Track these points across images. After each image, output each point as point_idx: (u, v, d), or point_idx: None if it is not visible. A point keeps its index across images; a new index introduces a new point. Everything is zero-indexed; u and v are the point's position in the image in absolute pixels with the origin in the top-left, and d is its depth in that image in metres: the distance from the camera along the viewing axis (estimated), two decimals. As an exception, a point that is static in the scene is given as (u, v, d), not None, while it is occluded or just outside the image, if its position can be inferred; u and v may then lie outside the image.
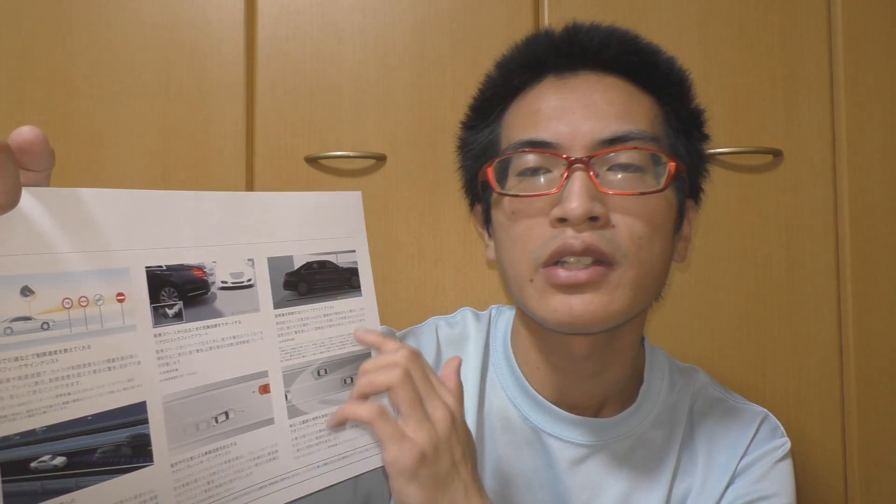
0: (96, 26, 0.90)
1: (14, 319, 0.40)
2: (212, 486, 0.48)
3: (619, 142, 0.57)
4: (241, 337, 0.51)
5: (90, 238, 0.44)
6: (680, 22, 0.91)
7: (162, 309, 0.47)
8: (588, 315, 0.55)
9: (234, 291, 0.51)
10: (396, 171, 0.91)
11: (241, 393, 0.51)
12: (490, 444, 0.64)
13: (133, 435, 0.44)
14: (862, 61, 0.91)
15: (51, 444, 0.41)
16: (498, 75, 0.66)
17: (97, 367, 0.43)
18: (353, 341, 0.57)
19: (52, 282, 0.42)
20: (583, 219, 0.54)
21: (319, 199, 0.57)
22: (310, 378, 0.55)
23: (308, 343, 0.55)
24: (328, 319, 0.56)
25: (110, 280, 0.44)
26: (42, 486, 0.40)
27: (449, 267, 0.91)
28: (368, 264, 0.59)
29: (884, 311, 0.90)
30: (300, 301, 0.55)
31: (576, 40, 0.62)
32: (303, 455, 0.53)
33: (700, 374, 0.72)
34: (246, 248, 0.52)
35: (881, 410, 0.89)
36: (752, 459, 0.65)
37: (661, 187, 0.57)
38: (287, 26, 0.91)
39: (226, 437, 0.49)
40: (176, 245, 0.48)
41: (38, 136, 0.41)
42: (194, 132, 0.90)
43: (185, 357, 0.48)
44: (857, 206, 0.90)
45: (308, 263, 0.56)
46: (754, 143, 0.91)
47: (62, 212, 0.43)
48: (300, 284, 0.55)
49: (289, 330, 0.54)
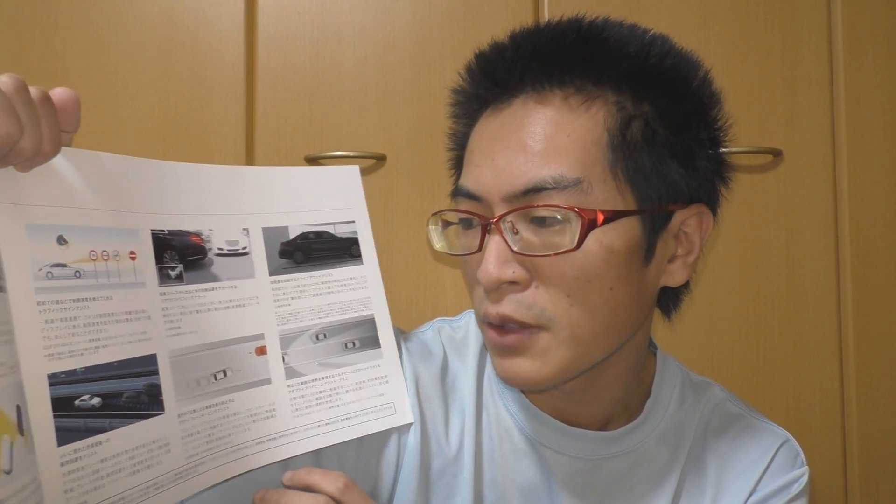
0: (96, 26, 0.90)
1: (53, 265, 0.43)
2: (212, 439, 0.51)
3: (532, 193, 0.51)
4: (236, 301, 0.54)
5: (109, 198, 0.47)
6: (680, 22, 0.91)
7: (165, 270, 0.50)
8: (522, 378, 0.54)
9: (229, 258, 0.54)
10: (396, 171, 0.91)
11: (239, 353, 0.53)
12: (488, 453, 0.62)
13: (148, 384, 0.47)
14: (862, 61, 0.91)
15: (88, 384, 0.43)
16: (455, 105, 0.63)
17: (118, 317, 0.46)
18: (354, 307, 0.60)
19: (81, 234, 0.45)
20: (495, 286, 0.52)
21: (317, 174, 0.61)
22: (308, 342, 0.57)
23: (306, 309, 0.57)
24: (326, 287, 0.59)
25: (124, 238, 0.48)
26: (85, 424, 0.43)
27: (449, 267, 0.91)
28: (370, 234, 0.62)
29: (884, 311, 0.90)
30: (296, 269, 0.58)
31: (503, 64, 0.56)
32: (302, 414, 0.56)
33: (716, 389, 0.66)
34: (241, 218, 0.56)
35: (881, 410, 0.89)
36: (766, 495, 0.60)
37: (574, 247, 0.50)
38: (287, 26, 0.91)
39: (224, 393, 0.52)
40: (177, 212, 0.52)
41: (72, 96, 0.43)
42: (194, 132, 0.90)
43: (187, 316, 0.51)
44: (857, 206, 0.90)
45: (304, 234, 0.59)
46: (754, 143, 0.91)
47: (87, 171, 0.46)
48: (296, 253, 0.58)
49: (285, 296, 0.57)
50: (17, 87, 0.38)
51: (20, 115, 0.38)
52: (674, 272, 0.57)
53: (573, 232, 0.50)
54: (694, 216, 0.57)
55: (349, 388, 0.58)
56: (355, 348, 0.59)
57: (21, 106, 0.38)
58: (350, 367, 0.59)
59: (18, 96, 0.38)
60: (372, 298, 0.61)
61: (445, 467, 0.61)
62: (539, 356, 0.53)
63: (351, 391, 0.58)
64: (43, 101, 0.41)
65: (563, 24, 0.57)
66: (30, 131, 0.39)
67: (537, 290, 0.52)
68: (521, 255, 0.52)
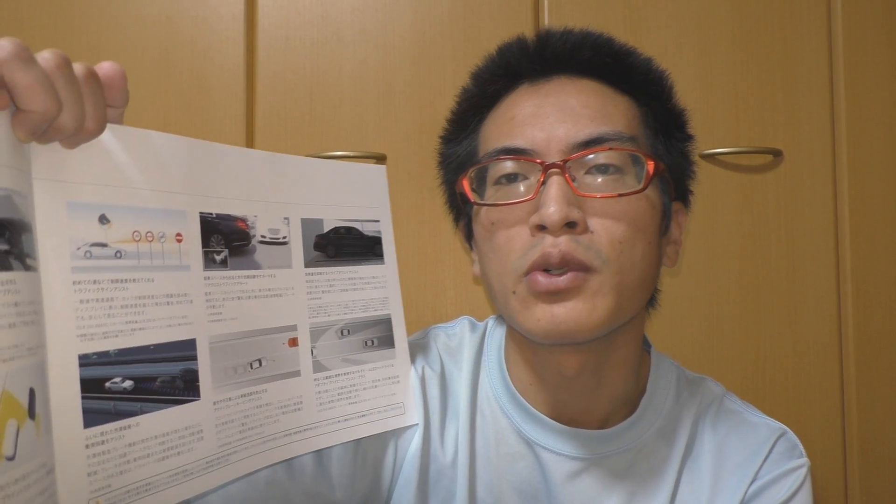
0: (96, 26, 0.90)
1: (93, 244, 0.42)
2: (245, 429, 0.50)
3: (594, 143, 0.55)
4: (275, 290, 0.54)
5: (157, 178, 0.46)
6: (680, 22, 0.91)
7: (211, 254, 0.49)
8: (571, 323, 0.54)
9: (271, 246, 0.54)
10: (396, 171, 0.91)
11: (274, 343, 0.53)
12: (484, 457, 0.62)
13: (185, 369, 0.47)
14: (862, 61, 0.91)
15: (121, 367, 0.43)
16: (473, 86, 0.65)
17: (158, 300, 0.45)
18: (374, 305, 0.60)
19: (125, 214, 0.44)
20: (560, 224, 0.53)
21: (348, 170, 0.61)
22: (334, 336, 0.57)
23: (333, 303, 0.58)
24: (353, 283, 0.59)
25: (171, 220, 0.47)
26: (115, 407, 0.42)
27: (449, 267, 0.91)
28: (391, 235, 0.62)
29: (884, 311, 0.90)
30: (328, 263, 0.58)
31: (548, 46, 0.61)
32: (325, 409, 0.56)
33: (712, 385, 0.68)
34: (283, 207, 0.55)
35: (881, 410, 0.89)
36: (766, 483, 0.60)
37: (641, 187, 0.55)
38: (287, 26, 0.91)
39: (259, 382, 0.52)
40: (225, 195, 0.51)
41: (119, 71, 0.42)
42: (194, 132, 0.90)
43: (229, 302, 0.50)
44: (857, 206, 0.90)
45: (336, 228, 0.59)
46: (754, 143, 0.91)
47: (135, 149, 0.45)
48: (328, 247, 0.58)
49: (317, 289, 0.57)
50: (58, 63, 0.37)
51: (60, 91, 0.37)
52: (670, 254, 0.64)
53: (633, 179, 0.56)
54: (679, 210, 0.65)
55: (366, 385, 0.59)
56: (374, 346, 0.60)
57: (62, 82, 0.37)
58: (369, 364, 0.59)
59: (59, 72, 0.37)
60: (390, 299, 0.62)
61: (442, 471, 0.62)
62: (590, 299, 0.54)
63: (368, 388, 0.59)
64: (88, 78, 0.39)
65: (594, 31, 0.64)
66: (70, 108, 0.38)
67: (593, 234, 0.54)
68: (586, 196, 0.54)
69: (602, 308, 0.54)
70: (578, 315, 0.54)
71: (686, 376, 0.68)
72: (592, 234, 0.54)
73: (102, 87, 0.41)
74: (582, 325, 0.54)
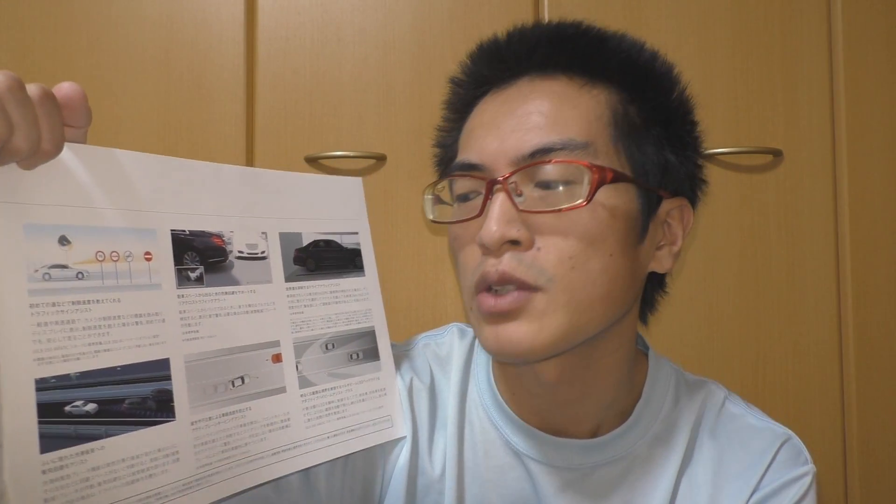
0: (96, 26, 0.90)
1: (52, 266, 0.42)
2: (228, 448, 0.49)
3: (541, 154, 0.52)
4: (255, 306, 0.53)
5: (123, 197, 0.46)
6: (680, 22, 0.91)
7: (185, 271, 0.49)
8: (515, 344, 0.52)
9: (249, 262, 0.53)
10: (396, 171, 0.91)
11: (256, 360, 0.52)
12: (472, 469, 0.60)
13: (157, 390, 0.46)
14: (862, 61, 0.91)
15: (83, 390, 0.42)
16: (451, 94, 0.64)
17: (126, 320, 0.45)
18: (357, 318, 0.60)
19: (87, 234, 0.43)
20: (498, 244, 0.51)
21: (324, 182, 0.60)
22: (319, 351, 0.57)
23: (316, 317, 0.57)
24: (335, 296, 0.59)
25: (139, 239, 0.46)
26: (75, 430, 0.41)
27: (449, 267, 0.91)
28: (371, 247, 0.62)
29: (884, 311, 0.90)
30: (309, 276, 0.57)
31: (510, 46, 0.59)
32: (313, 425, 0.55)
33: (713, 388, 0.64)
34: (260, 222, 0.55)
35: (881, 410, 0.89)
36: (769, 493, 0.57)
37: (584, 201, 0.51)
38: (287, 26, 0.91)
39: (242, 401, 0.51)
40: (198, 212, 0.50)
41: (78, 91, 0.42)
42: (194, 132, 0.90)
43: (206, 320, 0.49)
44: (857, 206, 0.90)
45: (316, 241, 0.58)
46: (754, 143, 0.91)
47: (99, 169, 0.44)
48: (308, 260, 0.58)
49: (298, 303, 0.56)
50: (9, 85, 0.37)
51: (12, 113, 0.37)
52: (661, 258, 0.59)
53: (582, 190, 0.52)
54: (677, 208, 0.60)
55: (354, 399, 0.58)
56: (359, 359, 0.59)
57: (13, 104, 0.37)
58: (356, 378, 0.59)
59: (11, 94, 0.37)
60: (373, 310, 0.61)
61: (430, 485, 0.60)
62: (536, 320, 0.52)
63: (355, 403, 0.58)
64: (42, 99, 0.39)
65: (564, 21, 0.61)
66: (23, 130, 0.38)
67: (539, 251, 0.52)
68: (527, 212, 0.52)
69: (551, 328, 0.52)
70: (523, 336, 0.52)
71: (686, 379, 0.65)
72: (539, 251, 0.52)
73: (59, 108, 0.41)
74: (528, 347, 0.52)
